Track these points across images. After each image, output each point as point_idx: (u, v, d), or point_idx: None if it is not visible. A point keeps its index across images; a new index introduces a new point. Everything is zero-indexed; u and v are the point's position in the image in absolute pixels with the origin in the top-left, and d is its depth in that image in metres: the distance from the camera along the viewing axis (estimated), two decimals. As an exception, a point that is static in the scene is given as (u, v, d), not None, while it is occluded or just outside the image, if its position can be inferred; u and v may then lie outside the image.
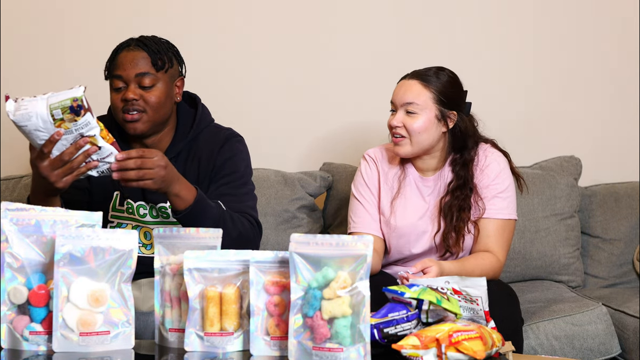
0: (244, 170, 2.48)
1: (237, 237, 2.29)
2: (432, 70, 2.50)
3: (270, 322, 1.79)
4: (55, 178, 2.09)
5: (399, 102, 2.47)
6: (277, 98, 3.31)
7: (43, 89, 3.21)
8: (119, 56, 2.35)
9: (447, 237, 2.46)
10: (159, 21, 3.26)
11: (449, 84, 2.49)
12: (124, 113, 2.34)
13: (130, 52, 2.35)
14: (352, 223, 2.57)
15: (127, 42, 2.38)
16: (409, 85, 2.47)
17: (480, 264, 2.41)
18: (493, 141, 2.58)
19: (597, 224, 3.17)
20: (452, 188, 2.49)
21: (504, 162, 2.53)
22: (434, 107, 2.45)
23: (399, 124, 2.46)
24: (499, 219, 2.48)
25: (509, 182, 2.52)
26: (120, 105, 2.34)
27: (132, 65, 2.33)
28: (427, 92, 2.45)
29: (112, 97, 2.36)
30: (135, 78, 2.34)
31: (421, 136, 2.45)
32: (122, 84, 2.34)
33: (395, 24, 3.33)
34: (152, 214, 2.44)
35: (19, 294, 1.83)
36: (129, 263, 1.83)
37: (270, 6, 3.30)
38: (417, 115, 2.44)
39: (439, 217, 2.49)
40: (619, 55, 3.39)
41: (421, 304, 1.85)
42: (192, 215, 2.23)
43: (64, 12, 3.25)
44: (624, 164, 3.35)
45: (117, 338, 1.82)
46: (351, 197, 2.61)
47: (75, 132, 2.04)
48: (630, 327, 2.64)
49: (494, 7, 3.36)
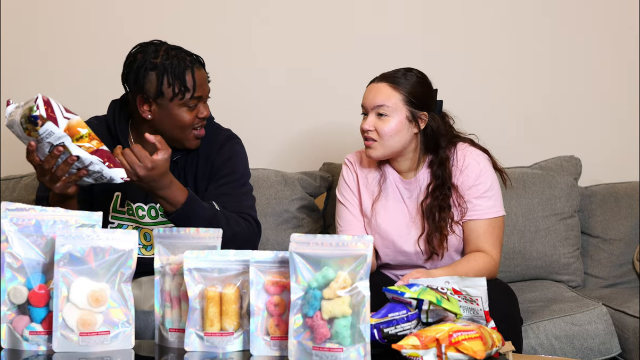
0: (243, 171, 2.50)
1: (232, 237, 2.28)
2: (400, 71, 2.47)
3: (270, 322, 1.79)
4: (48, 184, 2.13)
5: (370, 106, 2.45)
6: (277, 98, 3.31)
7: (43, 88, 3.23)
8: (195, 76, 2.36)
9: (431, 239, 2.45)
10: (159, 21, 3.26)
11: (418, 84, 2.46)
12: (195, 131, 2.40)
13: (201, 71, 2.39)
14: (339, 227, 2.57)
15: (190, 60, 2.37)
16: (378, 88, 2.45)
17: (474, 266, 2.40)
18: (471, 139, 2.55)
19: (597, 224, 3.16)
20: (431, 189, 2.47)
21: (483, 160, 2.50)
22: (404, 109, 2.43)
23: (371, 127, 2.44)
24: (488, 219, 2.47)
25: (492, 179, 2.49)
26: (195, 123, 2.38)
27: (205, 85, 2.40)
28: (396, 94, 2.43)
29: (185, 115, 2.36)
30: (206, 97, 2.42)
31: (393, 139, 2.43)
32: (198, 104, 2.38)
33: (396, 26, 3.33)
34: (150, 215, 2.45)
35: (19, 294, 1.83)
36: (129, 263, 1.83)
37: (270, 7, 3.30)
38: (388, 118, 2.42)
39: (421, 220, 2.48)
40: (619, 56, 3.39)
41: (421, 304, 1.85)
42: (183, 215, 2.26)
43: (64, 11, 3.25)
44: (624, 164, 3.35)
45: (117, 338, 1.82)
46: (337, 202, 2.61)
47: (44, 141, 2.05)
48: (630, 327, 2.64)
49: (494, 7, 3.36)
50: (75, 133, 2.06)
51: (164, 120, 2.36)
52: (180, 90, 2.33)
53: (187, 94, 2.34)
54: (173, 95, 2.34)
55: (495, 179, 2.51)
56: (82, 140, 2.07)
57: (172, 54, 2.36)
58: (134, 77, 2.35)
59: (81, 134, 2.07)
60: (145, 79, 2.34)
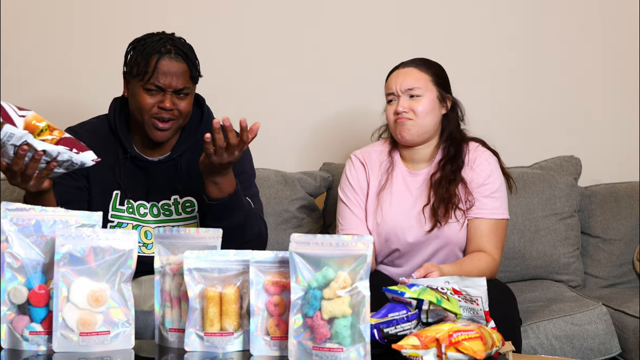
0: (250, 172, 2.52)
1: (258, 236, 2.38)
2: (418, 59, 2.58)
3: (270, 322, 1.79)
4: (21, 186, 2.10)
5: (401, 89, 2.51)
6: (277, 98, 3.30)
7: (43, 88, 3.23)
8: (161, 64, 2.32)
9: (436, 208, 2.47)
10: (159, 22, 3.26)
11: (441, 68, 2.58)
12: (154, 119, 2.35)
13: (172, 61, 2.33)
14: (340, 225, 2.58)
15: (167, 48, 2.34)
16: (407, 72, 2.53)
17: (477, 265, 2.42)
18: (483, 140, 2.59)
19: (597, 224, 3.17)
20: (443, 164, 2.52)
21: (494, 162, 2.54)
22: (434, 89, 2.52)
23: (406, 108, 2.49)
24: (493, 219, 2.49)
25: (500, 181, 2.53)
26: (153, 110, 2.35)
27: (173, 78, 2.33)
28: (425, 75, 2.53)
29: (143, 98, 2.34)
30: (172, 90, 2.35)
31: (427, 117, 2.50)
32: (159, 91, 2.34)
33: (394, 26, 3.33)
34: (152, 213, 2.45)
35: (19, 294, 1.83)
36: (129, 263, 1.83)
37: (271, 7, 3.30)
38: (421, 98, 2.50)
39: (427, 192, 2.51)
40: (619, 56, 3.39)
41: (421, 304, 1.85)
42: (227, 204, 2.28)
43: (63, 12, 3.25)
44: (624, 164, 3.35)
45: (117, 338, 1.82)
46: (338, 200, 2.62)
47: (7, 144, 2.00)
48: (630, 327, 2.64)
49: (494, 7, 3.36)
50: (35, 128, 2.01)
51: (131, 99, 2.38)
52: (141, 71, 2.33)
53: (145, 76, 2.32)
54: (136, 74, 2.34)
55: (503, 182, 2.55)
56: (43, 134, 2.03)
57: (157, 39, 2.36)
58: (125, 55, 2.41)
59: (40, 128, 2.02)
60: (127, 55, 2.39)
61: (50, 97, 3.22)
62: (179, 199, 2.45)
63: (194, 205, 2.46)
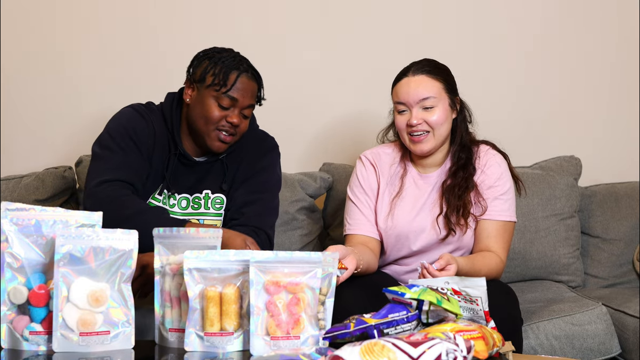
0: (275, 184, 2.58)
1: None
2: (424, 61, 2.50)
3: (270, 322, 1.79)
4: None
5: (414, 100, 2.44)
6: (277, 98, 3.30)
7: (43, 88, 3.23)
8: (240, 80, 2.43)
9: (450, 216, 2.45)
10: (159, 22, 3.26)
11: (448, 71, 2.52)
12: (218, 131, 2.43)
13: (249, 80, 2.45)
14: (347, 225, 2.57)
15: (245, 67, 2.45)
16: (419, 81, 2.45)
17: (488, 263, 2.42)
18: (493, 143, 2.59)
19: (597, 224, 3.16)
20: (453, 171, 2.49)
21: (504, 164, 2.54)
22: (446, 97, 2.47)
23: (420, 121, 2.44)
24: (501, 221, 2.49)
25: (510, 184, 2.53)
26: (220, 123, 2.43)
27: (247, 95, 2.44)
28: (437, 83, 2.46)
29: (213, 109, 2.42)
30: (242, 107, 2.44)
31: (442, 127, 2.46)
32: (229, 105, 2.42)
33: (396, 26, 3.33)
34: (180, 206, 2.50)
35: (19, 294, 1.83)
36: (129, 263, 1.83)
37: (271, 8, 3.30)
38: (435, 109, 2.44)
39: (440, 201, 2.49)
40: (619, 56, 3.39)
41: (421, 305, 1.85)
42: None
43: (63, 12, 3.25)
44: (624, 164, 3.35)
45: (117, 338, 1.82)
46: (347, 199, 2.61)
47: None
48: (630, 327, 2.64)
49: (495, 7, 3.36)
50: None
51: (196, 106, 2.44)
52: (218, 82, 2.41)
53: (222, 88, 2.40)
54: (211, 84, 2.41)
55: (512, 185, 2.54)
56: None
57: (233, 56, 2.47)
58: (194, 63, 2.48)
59: None
60: (199, 64, 2.46)
61: (50, 96, 3.23)
62: (211, 194, 2.51)
63: (223, 203, 2.52)
